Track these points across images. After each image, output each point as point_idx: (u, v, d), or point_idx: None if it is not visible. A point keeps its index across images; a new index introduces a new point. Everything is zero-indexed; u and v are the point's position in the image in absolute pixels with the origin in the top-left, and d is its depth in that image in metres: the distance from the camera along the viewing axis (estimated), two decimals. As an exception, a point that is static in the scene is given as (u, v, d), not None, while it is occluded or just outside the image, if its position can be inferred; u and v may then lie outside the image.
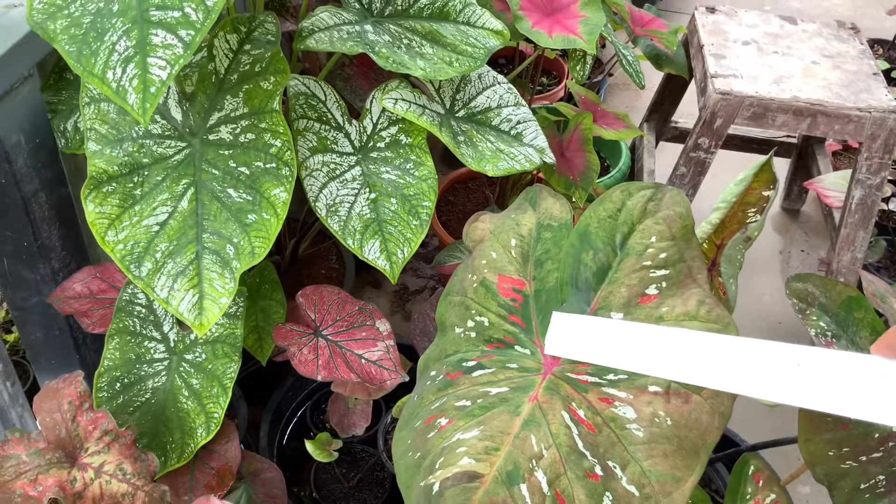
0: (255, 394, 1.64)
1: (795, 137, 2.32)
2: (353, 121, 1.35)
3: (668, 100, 2.25)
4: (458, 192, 2.17)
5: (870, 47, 2.89)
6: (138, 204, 1.12)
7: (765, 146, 2.31)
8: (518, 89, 1.49)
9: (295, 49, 1.26)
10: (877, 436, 0.98)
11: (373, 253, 1.27)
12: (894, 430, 0.97)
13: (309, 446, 1.37)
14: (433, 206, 1.31)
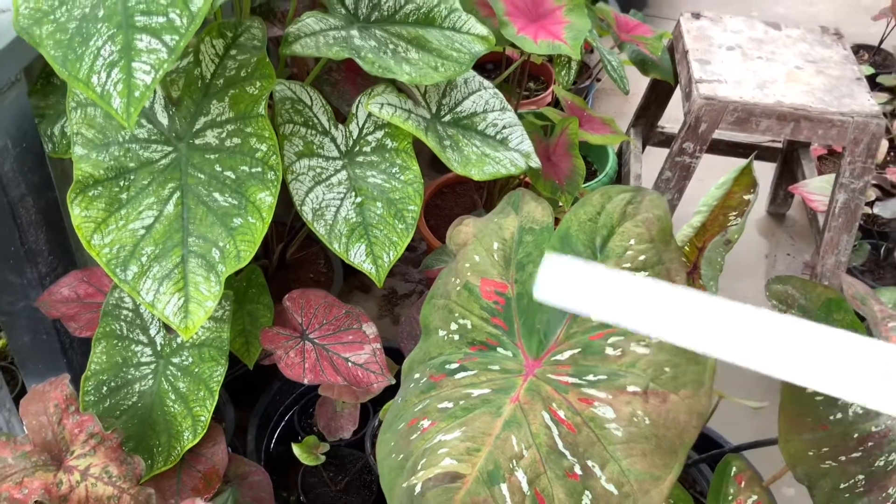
0: (243, 397, 1.65)
1: (780, 142, 2.34)
2: (340, 125, 1.36)
3: (654, 105, 2.26)
4: (445, 196, 2.18)
5: (855, 52, 2.93)
6: (124, 208, 1.12)
7: (750, 151, 2.32)
8: (505, 94, 1.50)
9: (282, 54, 1.27)
10: (856, 436, 0.99)
11: (359, 256, 1.28)
12: (873, 431, 0.98)
13: (296, 450, 1.37)
14: (419, 209, 1.32)
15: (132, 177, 1.14)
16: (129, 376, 1.27)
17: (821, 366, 0.67)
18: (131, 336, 1.29)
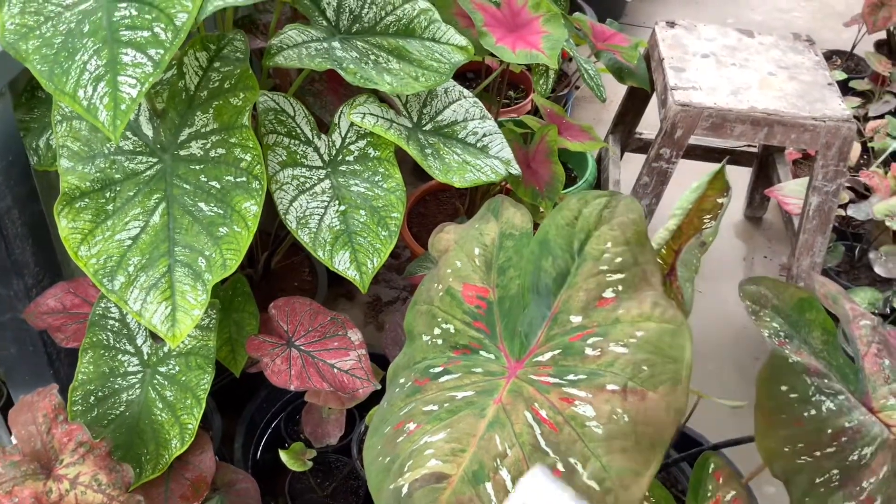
0: (230, 405, 1.66)
1: (756, 147, 2.38)
2: (323, 135, 1.38)
3: (631, 112, 2.30)
4: (428, 204, 2.20)
5: (829, 58, 2.98)
6: (111, 219, 1.14)
7: (725, 156, 2.36)
8: (485, 103, 1.53)
9: (265, 66, 1.29)
10: (829, 432, 1.01)
11: (343, 264, 1.30)
12: (846, 426, 1.01)
13: (283, 456, 1.38)
14: (402, 217, 1.34)
15: (118, 188, 1.15)
16: (117, 386, 1.28)
17: None
18: (118, 346, 1.30)
